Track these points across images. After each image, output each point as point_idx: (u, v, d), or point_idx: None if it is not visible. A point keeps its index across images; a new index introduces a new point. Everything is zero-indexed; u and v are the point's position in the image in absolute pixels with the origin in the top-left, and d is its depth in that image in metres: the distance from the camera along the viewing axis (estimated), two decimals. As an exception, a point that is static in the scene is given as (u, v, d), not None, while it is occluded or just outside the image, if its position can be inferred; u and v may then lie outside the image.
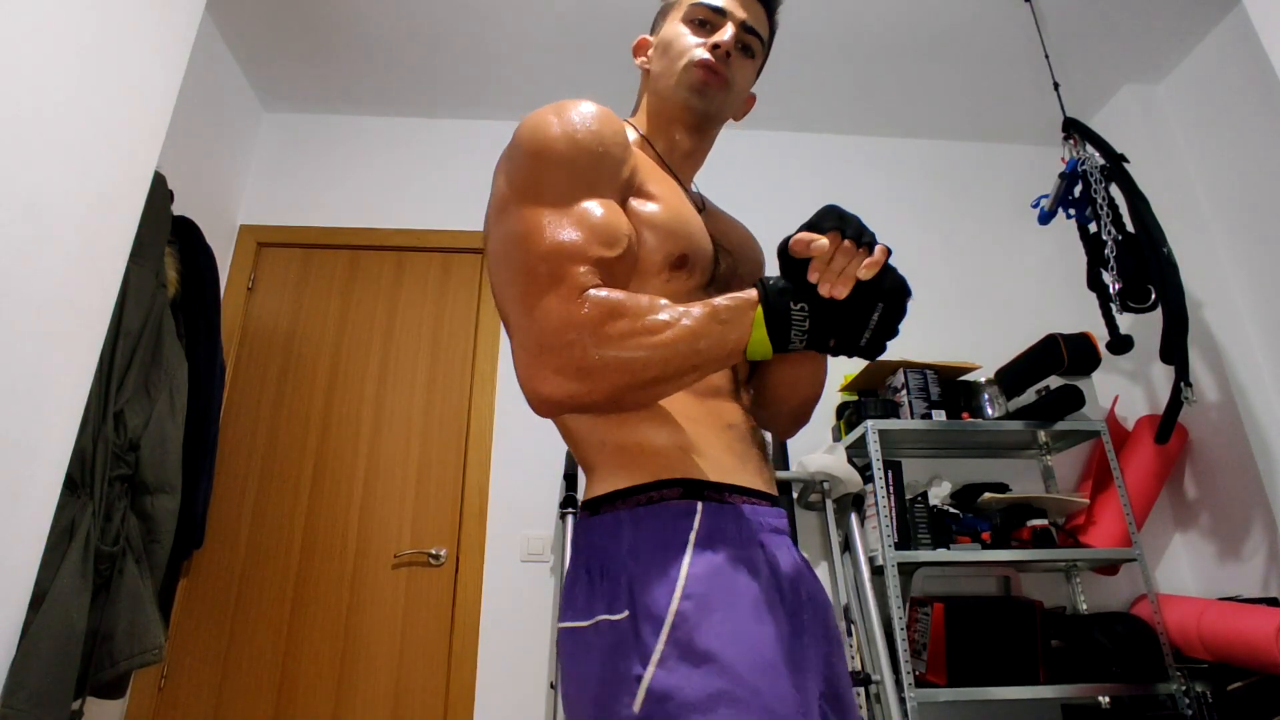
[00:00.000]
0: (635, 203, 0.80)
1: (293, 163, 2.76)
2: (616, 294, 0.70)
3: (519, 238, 0.73)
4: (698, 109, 0.91)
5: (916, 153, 2.96)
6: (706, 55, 0.89)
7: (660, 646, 0.64)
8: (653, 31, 1.00)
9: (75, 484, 1.50)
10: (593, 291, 0.69)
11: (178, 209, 2.02)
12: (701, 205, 0.97)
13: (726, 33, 0.90)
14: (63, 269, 1.31)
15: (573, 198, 0.74)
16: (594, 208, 0.74)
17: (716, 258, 0.87)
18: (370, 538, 2.26)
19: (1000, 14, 2.40)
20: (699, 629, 0.65)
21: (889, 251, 0.68)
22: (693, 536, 0.70)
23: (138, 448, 1.69)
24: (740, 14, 0.92)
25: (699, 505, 0.72)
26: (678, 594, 0.66)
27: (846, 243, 0.68)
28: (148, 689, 2.06)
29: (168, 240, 1.92)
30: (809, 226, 0.70)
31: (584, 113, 0.78)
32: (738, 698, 0.62)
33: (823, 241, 0.68)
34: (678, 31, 0.93)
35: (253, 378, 2.43)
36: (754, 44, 0.94)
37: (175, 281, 1.94)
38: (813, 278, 0.69)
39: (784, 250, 0.71)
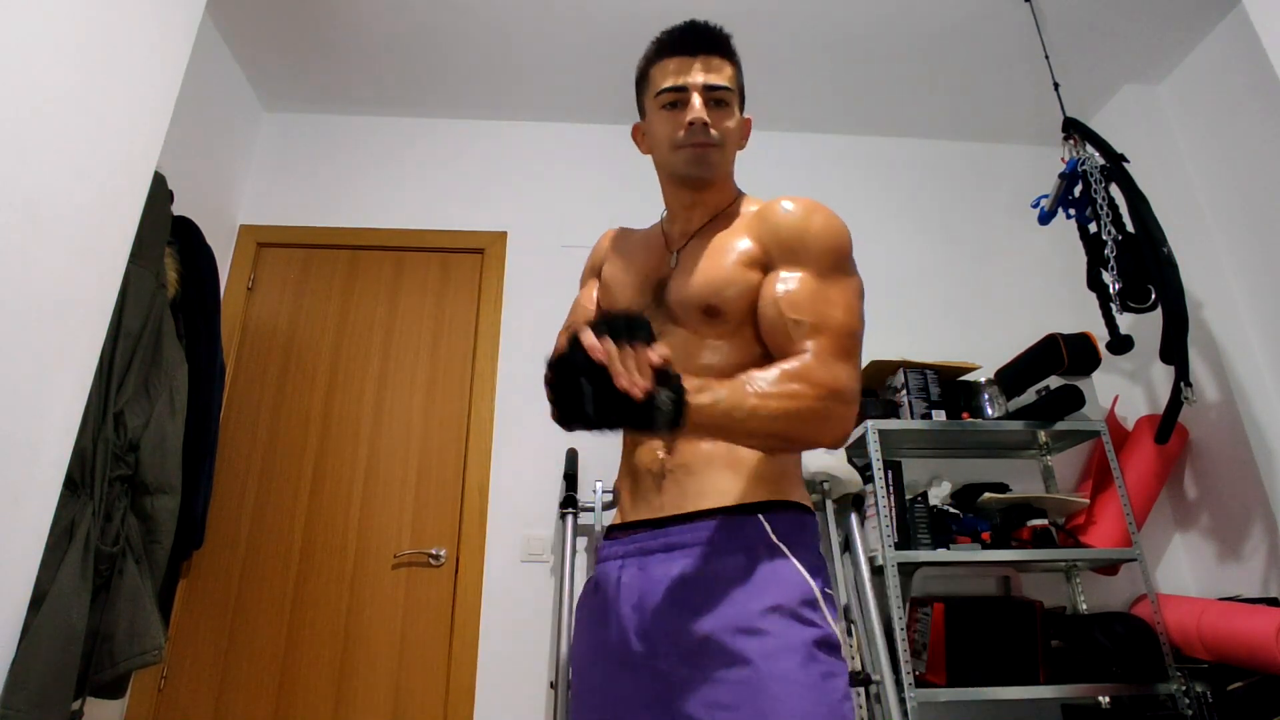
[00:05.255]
0: (597, 280, 1.21)
1: (293, 163, 2.76)
2: None
3: None
4: (704, 178, 1.06)
5: (917, 153, 2.96)
6: (686, 137, 1.02)
7: None
8: (640, 112, 1.13)
9: (75, 484, 1.50)
10: None
11: (178, 209, 2.02)
12: (677, 258, 1.09)
13: (695, 107, 1.01)
14: (63, 269, 1.31)
15: (581, 286, 1.26)
16: (582, 294, 1.22)
17: (659, 300, 1.06)
18: (370, 538, 2.26)
19: (1000, 14, 2.40)
20: (574, 637, 1.04)
21: (580, 337, 0.80)
22: (596, 568, 1.03)
23: (138, 448, 1.68)
24: (700, 80, 1.02)
25: (602, 542, 1.04)
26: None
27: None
28: (148, 689, 2.06)
29: (168, 240, 1.92)
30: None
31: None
32: (578, 692, 0.98)
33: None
34: (656, 120, 1.07)
35: (253, 378, 2.43)
36: (723, 95, 1.04)
37: (175, 282, 1.94)
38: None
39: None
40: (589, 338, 0.78)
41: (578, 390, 0.77)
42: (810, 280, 0.94)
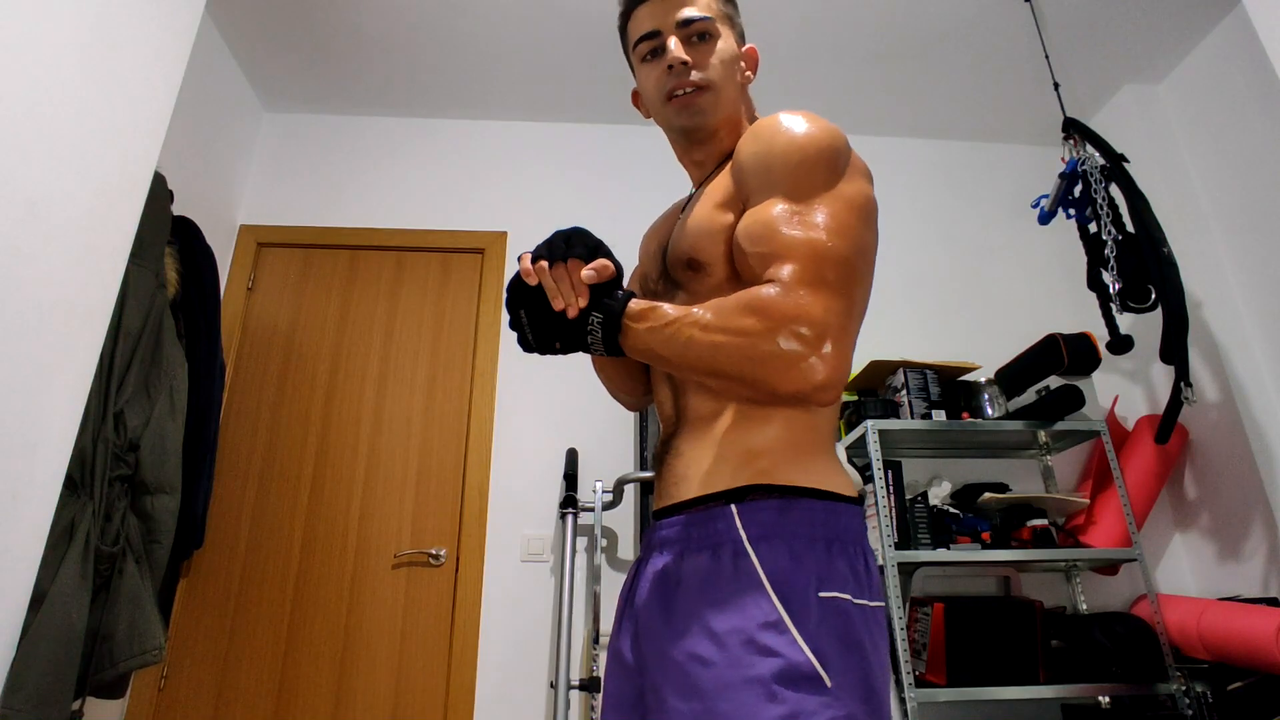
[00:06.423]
0: None
1: (293, 163, 2.76)
2: None
3: None
4: (699, 125, 0.95)
5: (916, 153, 2.96)
6: (669, 84, 0.92)
7: None
8: (633, 75, 1.04)
9: (75, 484, 1.50)
10: None
11: (178, 209, 2.02)
12: (688, 206, 1.00)
13: (670, 50, 0.92)
14: (63, 269, 1.31)
15: None
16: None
17: (661, 261, 0.98)
18: (370, 538, 2.26)
19: (1000, 14, 2.40)
20: None
21: (518, 260, 0.78)
22: None
23: (138, 448, 1.68)
24: (670, 18, 0.92)
25: None
26: None
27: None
28: (148, 689, 2.06)
29: (168, 240, 1.92)
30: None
31: None
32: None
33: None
34: (641, 76, 0.98)
35: (253, 378, 2.43)
36: (702, 27, 0.92)
37: (175, 281, 1.94)
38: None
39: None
40: (524, 262, 0.76)
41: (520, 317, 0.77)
42: (784, 206, 0.78)
